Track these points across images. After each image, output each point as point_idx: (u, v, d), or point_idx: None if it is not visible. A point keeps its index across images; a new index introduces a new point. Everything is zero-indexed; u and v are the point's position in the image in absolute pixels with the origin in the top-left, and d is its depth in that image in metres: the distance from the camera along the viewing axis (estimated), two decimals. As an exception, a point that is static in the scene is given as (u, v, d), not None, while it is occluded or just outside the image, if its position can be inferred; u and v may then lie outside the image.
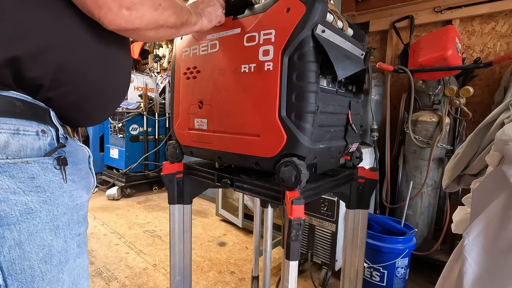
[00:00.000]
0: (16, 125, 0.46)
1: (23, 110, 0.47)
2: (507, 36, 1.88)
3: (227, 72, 0.82)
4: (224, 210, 2.65)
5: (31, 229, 0.45)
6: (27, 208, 0.44)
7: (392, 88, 2.15)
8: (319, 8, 0.69)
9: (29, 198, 0.45)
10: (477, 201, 0.70)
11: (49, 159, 0.49)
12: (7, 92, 0.46)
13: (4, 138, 0.44)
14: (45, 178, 0.47)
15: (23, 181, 0.44)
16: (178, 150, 1.00)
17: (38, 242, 0.46)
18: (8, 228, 0.43)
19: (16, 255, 0.43)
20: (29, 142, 0.47)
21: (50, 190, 0.47)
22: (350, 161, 1.04)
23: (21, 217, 0.44)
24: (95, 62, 0.54)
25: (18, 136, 0.46)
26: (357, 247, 1.06)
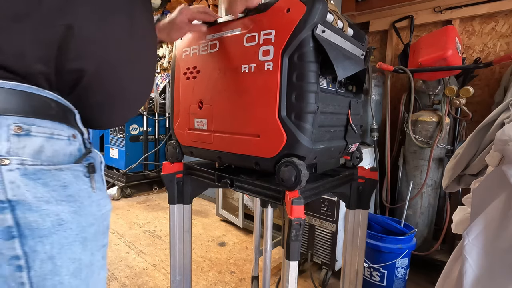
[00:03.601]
0: (51, 129, 0.43)
1: (57, 112, 0.45)
2: (507, 36, 1.88)
3: (227, 72, 0.82)
4: (224, 210, 2.65)
5: (62, 241, 0.42)
6: (59, 219, 0.41)
7: (392, 88, 2.15)
8: (319, 8, 0.69)
9: (61, 208, 0.42)
10: (477, 201, 0.70)
11: (80, 167, 0.46)
12: (43, 92, 0.43)
13: (39, 143, 0.42)
14: (76, 186, 0.44)
15: (56, 190, 0.42)
16: (178, 150, 1.00)
17: (69, 255, 0.43)
18: (40, 241, 0.40)
19: (47, 269, 0.41)
20: (61, 148, 0.45)
21: (80, 199, 0.45)
22: (350, 161, 1.04)
23: (53, 229, 0.41)
24: (128, 61, 0.52)
25: (52, 140, 0.43)
26: (357, 247, 1.06)
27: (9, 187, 0.38)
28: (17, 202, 0.38)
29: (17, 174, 0.39)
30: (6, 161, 0.38)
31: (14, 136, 0.39)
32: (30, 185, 0.39)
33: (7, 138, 0.39)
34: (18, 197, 0.38)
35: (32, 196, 0.39)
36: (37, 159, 0.41)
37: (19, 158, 0.39)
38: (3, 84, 0.39)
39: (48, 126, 0.43)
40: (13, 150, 0.39)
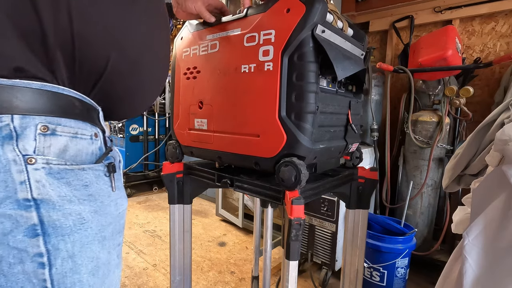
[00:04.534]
0: (75, 128, 0.44)
1: (80, 111, 0.45)
2: (507, 36, 1.88)
3: (227, 72, 0.82)
4: (224, 210, 2.65)
5: (83, 240, 0.43)
6: (80, 218, 0.42)
7: (392, 88, 2.15)
8: (319, 8, 0.69)
9: (82, 208, 0.42)
10: (477, 201, 0.70)
11: (101, 166, 0.46)
12: (68, 91, 0.43)
13: (63, 142, 0.42)
14: (97, 186, 0.45)
15: (78, 189, 0.42)
16: (178, 150, 1.00)
17: (88, 254, 0.44)
18: (62, 239, 0.40)
19: (68, 267, 0.41)
20: (84, 147, 0.45)
21: (100, 199, 0.45)
22: (350, 161, 1.04)
23: (74, 228, 0.41)
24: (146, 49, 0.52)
25: (76, 140, 0.44)
26: (357, 247, 1.06)
27: (34, 186, 0.39)
28: (42, 200, 0.39)
29: (43, 173, 0.39)
30: (33, 160, 0.39)
31: (41, 136, 0.40)
32: (54, 184, 0.40)
33: (34, 138, 0.39)
34: (43, 196, 0.39)
35: (56, 195, 0.40)
36: (62, 159, 0.42)
37: (45, 157, 0.40)
38: (30, 84, 0.40)
39: (72, 125, 0.44)
40: (39, 150, 0.40)
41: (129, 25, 0.48)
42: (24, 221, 0.38)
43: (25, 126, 0.39)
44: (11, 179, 0.38)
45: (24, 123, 0.39)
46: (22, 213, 0.38)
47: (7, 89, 0.38)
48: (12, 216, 0.37)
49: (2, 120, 0.38)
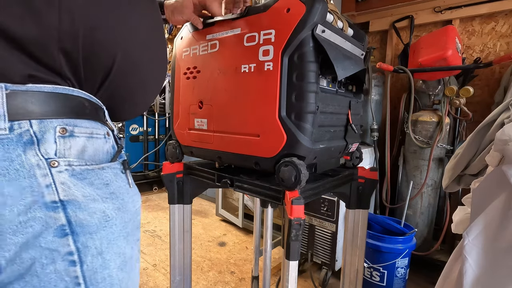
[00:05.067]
0: (90, 128, 0.45)
1: (90, 111, 0.46)
2: (507, 36, 1.88)
3: (227, 72, 0.82)
4: (224, 210, 2.65)
5: (109, 237, 0.44)
6: (105, 215, 0.43)
7: (392, 88, 2.15)
8: (319, 8, 0.69)
9: (106, 206, 0.44)
10: (477, 201, 0.70)
11: (117, 164, 0.48)
12: (77, 92, 0.44)
13: (81, 143, 0.43)
14: (117, 184, 0.46)
15: (100, 188, 0.43)
16: (178, 150, 1.00)
17: (115, 250, 0.45)
18: (90, 237, 0.42)
19: (98, 264, 0.43)
20: (100, 146, 0.46)
21: (121, 196, 0.46)
22: (350, 161, 1.04)
23: (100, 225, 0.43)
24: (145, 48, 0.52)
25: (92, 139, 0.45)
26: (357, 247, 1.06)
27: (60, 188, 0.40)
28: (68, 201, 0.40)
29: (66, 175, 0.40)
30: (56, 163, 0.40)
31: (60, 138, 0.41)
32: (78, 185, 0.41)
33: (54, 140, 0.40)
34: (69, 197, 0.40)
35: (81, 195, 0.41)
36: (81, 159, 0.42)
37: (66, 159, 0.41)
38: (42, 88, 0.40)
39: (87, 125, 0.44)
40: (60, 152, 0.41)
41: (130, 26, 0.48)
42: (53, 222, 0.39)
43: (44, 130, 0.40)
44: (37, 183, 0.38)
45: (43, 127, 0.40)
46: (50, 214, 0.39)
47: (21, 95, 0.39)
48: (42, 218, 0.39)
49: (21, 126, 0.38)
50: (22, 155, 0.38)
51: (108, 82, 0.47)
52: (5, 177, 0.37)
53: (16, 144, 0.38)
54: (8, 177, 0.37)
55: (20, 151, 0.38)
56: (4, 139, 0.37)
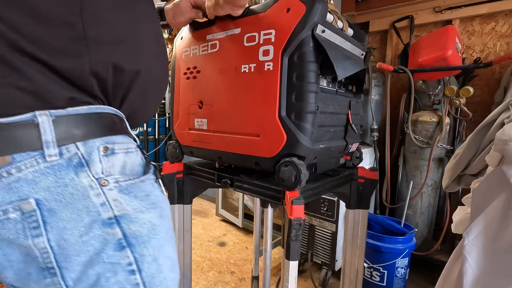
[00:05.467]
0: (125, 144, 0.46)
1: (119, 125, 0.47)
2: (507, 36, 1.88)
3: (227, 72, 0.82)
4: (224, 210, 2.65)
5: (159, 243, 0.46)
6: (152, 225, 0.45)
7: (392, 88, 2.14)
8: (319, 8, 0.69)
9: (151, 215, 0.45)
10: (477, 201, 0.70)
11: (151, 174, 0.49)
12: (108, 109, 0.45)
13: (121, 159, 0.45)
14: (155, 193, 0.48)
15: (143, 200, 0.45)
16: (178, 150, 1.00)
17: (165, 254, 0.48)
18: (144, 246, 0.44)
19: (154, 269, 0.45)
20: (135, 159, 0.48)
21: (160, 204, 0.48)
22: (350, 161, 1.04)
23: (150, 234, 0.45)
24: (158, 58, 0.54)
25: (129, 154, 0.47)
26: (357, 247, 1.06)
27: (113, 205, 0.42)
28: (121, 216, 0.42)
29: (116, 191, 0.42)
30: (106, 181, 0.42)
31: (104, 157, 0.43)
32: (127, 200, 0.43)
33: (99, 160, 0.42)
34: (122, 212, 0.42)
35: (131, 209, 0.43)
36: (124, 175, 0.45)
37: (113, 176, 0.43)
38: (79, 110, 0.41)
39: (122, 141, 0.46)
40: (106, 170, 0.42)
41: (147, 40, 0.50)
42: (111, 238, 0.41)
43: (89, 151, 0.41)
44: (92, 203, 0.40)
45: (88, 148, 0.41)
46: (108, 231, 0.41)
47: (64, 119, 0.40)
48: (100, 235, 0.41)
49: (69, 150, 0.40)
50: (75, 178, 0.40)
51: (130, 96, 0.48)
52: (61, 202, 0.38)
53: (67, 169, 0.39)
54: (64, 202, 0.39)
55: (73, 174, 0.40)
56: (55, 165, 0.39)
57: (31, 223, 0.37)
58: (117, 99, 0.47)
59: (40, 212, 0.37)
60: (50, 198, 0.38)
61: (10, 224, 0.37)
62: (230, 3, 0.74)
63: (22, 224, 0.37)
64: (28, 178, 0.37)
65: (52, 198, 0.38)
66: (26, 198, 0.37)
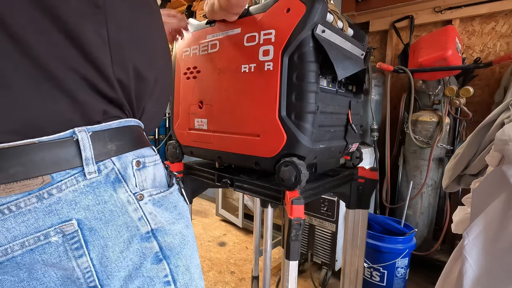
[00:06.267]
0: (152, 156, 0.46)
1: (145, 138, 0.47)
2: (507, 36, 1.88)
3: (227, 72, 0.82)
4: (224, 210, 2.65)
5: (189, 253, 0.47)
6: (182, 235, 0.46)
7: (392, 88, 2.14)
8: (319, 8, 0.69)
9: (180, 226, 0.46)
10: (477, 201, 0.70)
11: (176, 186, 0.50)
12: (134, 121, 0.45)
13: (151, 171, 0.45)
14: (180, 204, 0.48)
15: (172, 211, 0.46)
16: (178, 150, 1.00)
17: (194, 262, 0.48)
18: (178, 257, 0.45)
19: (187, 278, 0.46)
20: (161, 171, 0.48)
21: (185, 214, 0.49)
22: (350, 161, 1.04)
23: (181, 245, 0.45)
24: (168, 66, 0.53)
25: (156, 166, 0.46)
26: (357, 247, 1.06)
27: (150, 218, 0.42)
28: (157, 229, 0.42)
29: (151, 205, 0.42)
30: (141, 196, 0.42)
31: (137, 171, 0.42)
32: (160, 212, 0.43)
33: (133, 174, 0.42)
34: (157, 225, 0.42)
35: (165, 221, 0.43)
36: (156, 188, 0.44)
37: (147, 190, 0.43)
38: (111, 124, 0.41)
39: (150, 154, 0.46)
40: (140, 184, 0.42)
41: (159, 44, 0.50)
42: (149, 252, 0.42)
43: (125, 167, 0.41)
44: (130, 219, 0.40)
45: (123, 163, 0.41)
46: (145, 245, 0.41)
47: (100, 135, 0.39)
48: (139, 250, 0.41)
49: (106, 166, 0.39)
50: (114, 194, 0.39)
51: (149, 105, 0.48)
52: (101, 220, 0.38)
53: (105, 185, 0.39)
54: (104, 219, 0.38)
55: (111, 191, 0.39)
56: (94, 183, 0.38)
57: (73, 244, 0.36)
58: (140, 110, 0.47)
59: (82, 232, 0.37)
60: (91, 216, 0.37)
61: (52, 248, 0.35)
62: (224, 10, 0.75)
63: (64, 247, 0.36)
64: (69, 198, 0.36)
65: (92, 216, 0.37)
66: (68, 220, 0.36)
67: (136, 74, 0.43)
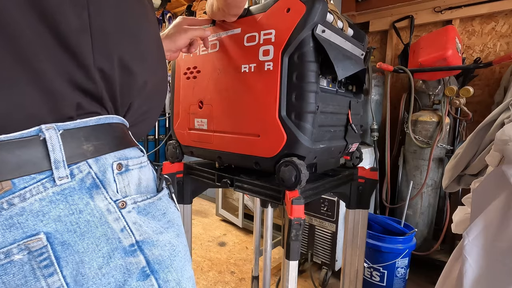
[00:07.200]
0: (138, 158, 0.41)
1: (130, 137, 0.42)
2: (507, 36, 1.88)
3: (227, 72, 0.82)
4: (224, 210, 2.65)
5: (180, 265, 0.42)
6: (171, 245, 0.41)
7: (392, 88, 2.15)
8: (319, 8, 0.69)
9: (169, 235, 0.41)
10: (477, 201, 0.70)
11: (166, 190, 0.45)
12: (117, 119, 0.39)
13: (136, 175, 0.40)
14: (170, 210, 0.44)
15: (160, 219, 0.41)
16: (178, 150, 1.00)
17: (186, 275, 0.43)
18: (168, 270, 0.40)
19: None
20: (149, 174, 0.43)
21: (176, 221, 0.44)
22: (350, 161, 1.04)
23: (171, 257, 0.41)
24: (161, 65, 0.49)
25: (142, 169, 0.41)
26: (357, 247, 1.06)
27: (134, 229, 0.37)
28: (142, 241, 0.37)
29: (135, 213, 0.38)
30: (124, 203, 0.37)
31: (118, 175, 0.37)
32: (146, 221, 0.39)
33: (114, 179, 0.37)
34: (143, 236, 0.38)
35: (152, 231, 0.39)
36: (140, 193, 0.40)
37: (131, 197, 0.38)
38: (88, 121, 0.35)
39: (134, 155, 0.41)
40: (122, 190, 0.37)
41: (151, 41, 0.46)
42: (134, 268, 0.37)
43: (103, 170, 0.36)
44: (111, 230, 0.35)
45: (101, 166, 0.36)
46: (130, 260, 0.36)
47: (73, 133, 0.34)
48: (122, 265, 0.36)
49: (81, 169, 0.34)
50: (91, 202, 0.34)
51: (136, 103, 0.44)
52: (75, 233, 0.33)
53: (80, 192, 0.33)
54: (79, 231, 0.33)
55: (88, 198, 0.34)
56: (66, 189, 0.33)
57: (41, 262, 0.31)
58: (125, 107, 0.41)
59: (52, 247, 0.31)
60: (63, 229, 0.32)
61: (15, 268, 0.30)
62: (223, 11, 0.75)
63: (30, 265, 0.30)
64: (35, 208, 0.31)
65: (64, 229, 0.32)
66: (35, 234, 0.30)
67: (122, 65, 0.38)
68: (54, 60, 0.32)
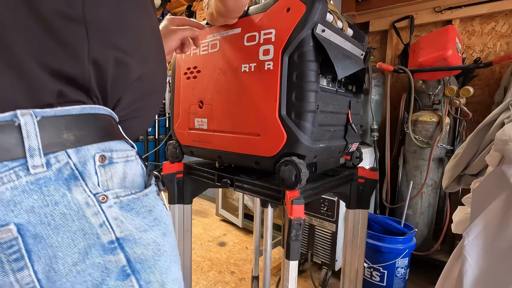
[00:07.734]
0: (124, 151, 0.39)
1: (117, 129, 0.40)
2: (507, 36, 1.88)
3: (227, 72, 0.82)
4: (224, 210, 2.65)
5: (165, 265, 0.40)
6: (156, 244, 0.39)
7: (392, 88, 2.15)
8: (319, 8, 0.69)
9: (154, 234, 0.39)
10: (477, 201, 0.70)
11: (154, 187, 0.43)
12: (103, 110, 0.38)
13: (121, 169, 0.38)
14: (158, 208, 0.42)
15: (145, 216, 0.39)
16: (178, 150, 1.00)
17: (172, 277, 0.41)
18: (151, 271, 0.38)
19: None
20: (136, 169, 0.41)
21: (163, 220, 0.42)
22: (350, 161, 1.04)
23: (156, 256, 0.39)
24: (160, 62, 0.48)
25: (129, 163, 0.40)
26: (357, 247, 1.06)
27: (114, 225, 0.35)
28: (124, 238, 0.36)
29: (116, 208, 0.36)
30: (105, 197, 0.35)
31: (100, 168, 0.36)
32: (129, 218, 0.37)
33: (95, 172, 0.35)
34: (124, 233, 0.36)
35: (134, 228, 0.37)
36: (124, 188, 0.38)
37: (113, 191, 0.36)
38: (70, 110, 0.34)
39: (121, 148, 0.39)
40: (104, 184, 0.36)
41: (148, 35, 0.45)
42: (113, 266, 0.35)
43: (84, 161, 0.34)
44: (89, 224, 0.33)
45: (82, 157, 0.34)
46: (110, 258, 0.35)
47: (52, 121, 0.32)
48: (100, 264, 0.34)
49: (58, 159, 0.32)
50: (67, 194, 0.32)
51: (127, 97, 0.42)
52: (49, 226, 0.31)
53: (56, 183, 0.32)
54: (54, 224, 0.31)
55: (65, 190, 0.32)
56: (41, 179, 0.31)
57: (11, 255, 0.29)
58: (114, 98, 0.40)
59: (23, 240, 0.30)
60: (36, 221, 0.30)
61: None
62: (223, 17, 0.75)
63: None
64: (5, 198, 0.29)
65: (38, 220, 0.30)
66: (4, 225, 0.29)
67: (118, 58, 0.37)
68: (33, 44, 0.31)
